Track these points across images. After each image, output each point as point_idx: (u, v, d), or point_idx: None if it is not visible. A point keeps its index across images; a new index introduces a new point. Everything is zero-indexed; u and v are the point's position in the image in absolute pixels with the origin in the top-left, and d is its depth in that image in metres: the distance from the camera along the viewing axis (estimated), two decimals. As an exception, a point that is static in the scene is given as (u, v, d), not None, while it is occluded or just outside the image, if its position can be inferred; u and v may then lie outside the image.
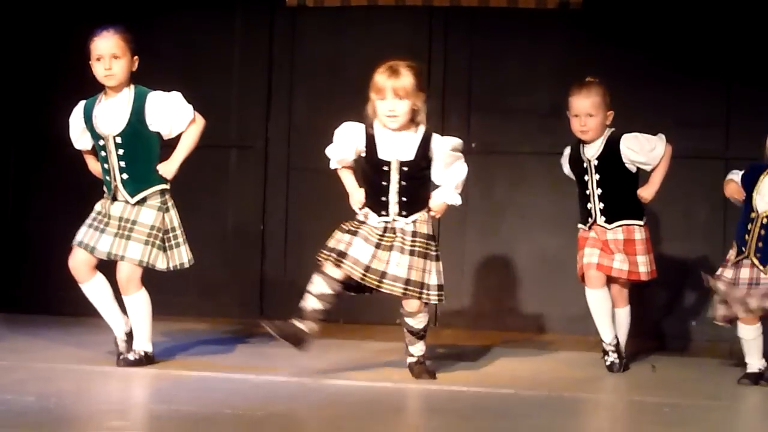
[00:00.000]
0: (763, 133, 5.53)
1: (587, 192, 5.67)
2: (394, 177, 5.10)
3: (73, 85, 5.65)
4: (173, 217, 5.40)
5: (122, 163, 5.32)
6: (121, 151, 5.31)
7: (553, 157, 6.71)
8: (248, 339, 6.36)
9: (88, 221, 5.39)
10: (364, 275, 5.03)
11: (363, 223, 5.15)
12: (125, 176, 5.32)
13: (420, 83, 5.12)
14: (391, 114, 5.07)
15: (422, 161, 5.13)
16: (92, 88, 5.46)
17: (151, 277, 5.43)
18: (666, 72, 6.92)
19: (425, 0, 7.16)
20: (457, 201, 5.22)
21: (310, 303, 5.10)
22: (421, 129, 5.15)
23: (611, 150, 5.62)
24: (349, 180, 5.26)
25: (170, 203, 5.41)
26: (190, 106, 5.43)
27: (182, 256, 5.43)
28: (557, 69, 7.06)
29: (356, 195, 5.20)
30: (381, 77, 5.09)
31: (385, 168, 5.11)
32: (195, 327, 6.75)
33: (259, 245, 7.37)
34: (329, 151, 5.25)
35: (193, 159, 7.25)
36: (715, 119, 6.90)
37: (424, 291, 5.08)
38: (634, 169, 5.65)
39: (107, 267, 5.43)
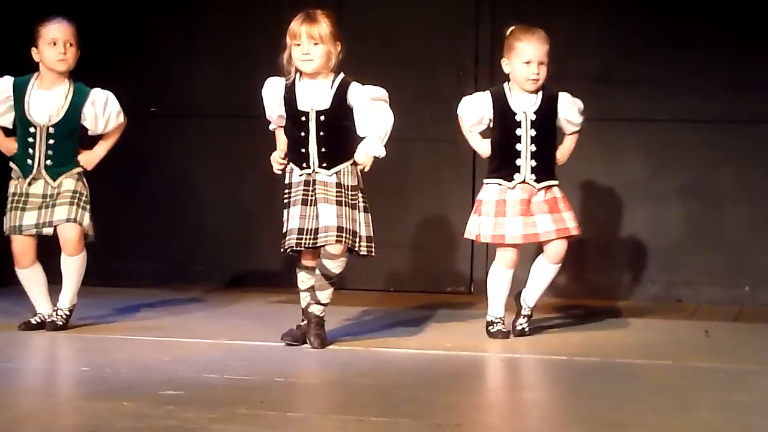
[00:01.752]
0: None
1: (517, 147, 5.33)
2: (312, 127, 5.03)
3: (124, 58, 5.68)
4: (87, 189, 5.51)
5: (50, 152, 5.44)
6: (51, 141, 5.43)
7: (602, 122, 6.68)
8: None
9: (9, 206, 5.48)
10: (299, 239, 4.99)
11: (290, 186, 5.10)
12: (49, 162, 5.45)
13: (336, 30, 5.06)
14: (306, 58, 5.00)
15: (339, 110, 5.04)
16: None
17: (202, 249, 5.46)
18: (719, 36, 6.82)
19: (473, -34, 7.10)
20: (382, 153, 5.08)
21: (304, 301, 5.16)
22: (338, 78, 5.08)
23: (548, 105, 5.35)
24: (279, 139, 5.19)
25: (83, 179, 5.52)
26: (122, 112, 5.56)
27: (91, 228, 5.50)
28: (607, 34, 6.99)
29: (274, 154, 5.14)
30: (296, 23, 5.05)
31: (303, 119, 5.04)
32: (246, 297, 6.78)
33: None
34: (266, 110, 5.19)
35: (241, 130, 7.33)
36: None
37: (357, 240, 5.02)
38: (559, 129, 5.42)
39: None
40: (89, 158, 5.55)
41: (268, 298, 6.71)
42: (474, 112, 5.43)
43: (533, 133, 5.33)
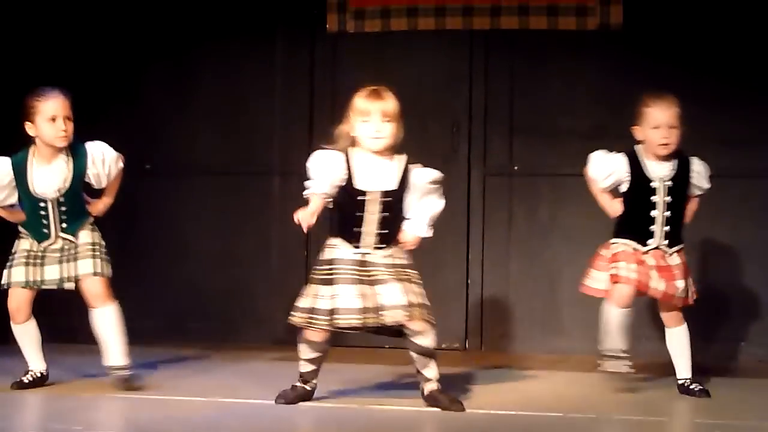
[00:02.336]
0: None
1: (652, 214, 5.41)
2: (374, 207, 4.96)
3: (121, 115, 5.68)
4: (101, 235, 5.53)
5: (64, 217, 5.44)
6: (63, 208, 5.44)
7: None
8: (296, 366, 6.33)
9: (20, 260, 5.45)
10: (363, 319, 4.89)
11: (331, 262, 5.00)
12: (65, 225, 5.45)
13: (400, 109, 5.01)
14: (378, 136, 4.94)
15: (402, 192, 5.00)
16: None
17: (199, 306, 5.46)
18: (710, 91, 6.87)
19: (465, 24, 7.17)
20: (429, 234, 5.09)
21: (304, 368, 5.11)
22: (401, 158, 5.03)
23: (682, 171, 5.43)
24: (315, 204, 4.98)
25: (95, 227, 5.55)
26: (117, 155, 5.56)
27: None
28: (598, 90, 7.04)
29: (306, 213, 4.92)
30: (365, 100, 4.99)
31: (363, 198, 4.96)
32: (242, 353, 6.75)
33: (303, 271, 7.36)
34: (310, 182, 5.02)
35: (236, 186, 7.36)
36: (763, 137, 6.83)
37: (425, 311, 4.96)
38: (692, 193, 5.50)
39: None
40: (100, 208, 5.57)
41: (263, 355, 6.69)
42: (610, 176, 5.49)
43: (669, 199, 5.40)
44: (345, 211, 5.00)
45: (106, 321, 5.43)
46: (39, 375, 5.48)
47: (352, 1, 7.26)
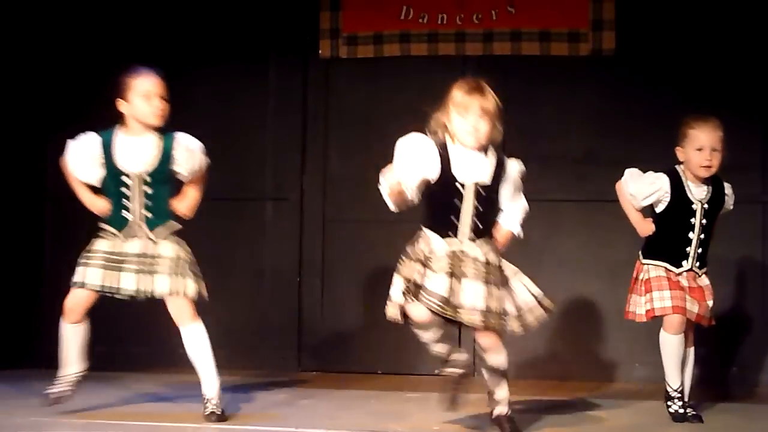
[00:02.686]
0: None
1: (690, 235, 5.40)
2: (470, 199, 4.82)
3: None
4: (187, 250, 5.41)
5: (148, 202, 5.33)
6: (148, 190, 5.33)
7: (589, 203, 6.74)
8: (286, 391, 6.34)
9: (97, 261, 5.33)
10: (442, 308, 4.72)
11: (424, 253, 4.81)
12: (149, 214, 5.34)
13: (499, 107, 4.89)
14: (475, 132, 4.81)
15: (497, 185, 4.89)
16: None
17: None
18: (699, 115, 6.89)
19: (458, 49, 7.19)
20: (521, 233, 5.02)
21: (436, 350, 4.88)
22: (496, 150, 4.91)
23: (717, 194, 5.45)
24: (403, 184, 4.76)
25: (181, 241, 5.42)
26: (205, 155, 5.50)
27: (202, 287, 5.41)
28: (590, 116, 7.07)
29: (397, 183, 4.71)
30: (467, 95, 4.85)
31: (460, 189, 4.82)
32: (232, 379, 6.73)
33: (296, 297, 7.37)
34: (394, 168, 4.80)
35: (229, 210, 7.36)
36: (753, 163, 6.86)
37: (506, 319, 4.80)
38: None
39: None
40: (187, 204, 5.44)
41: (255, 381, 6.67)
42: (651, 195, 5.46)
43: (704, 221, 5.42)
44: (440, 202, 4.85)
45: (190, 341, 5.37)
46: (72, 380, 5.41)
47: (345, 26, 7.29)
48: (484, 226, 4.87)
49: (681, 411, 5.35)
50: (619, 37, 7.00)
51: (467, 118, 4.83)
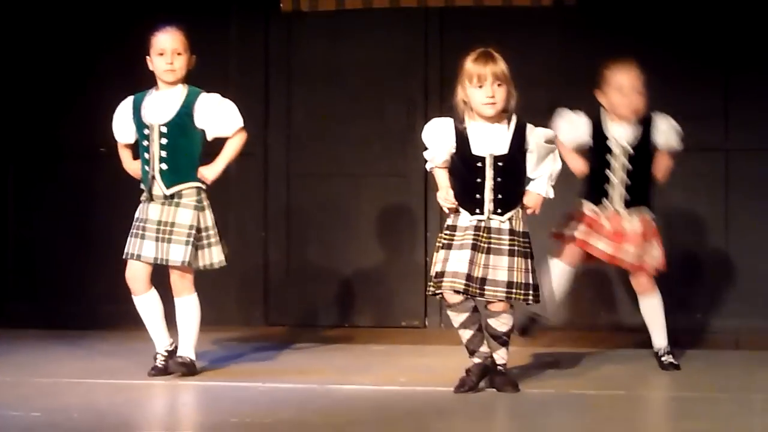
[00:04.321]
0: (762, 123, 5.51)
1: (608, 173, 5.45)
2: (489, 173, 4.84)
3: (73, 97, 5.65)
4: (207, 216, 5.39)
5: (163, 153, 5.34)
6: (164, 141, 5.34)
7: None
8: (253, 346, 6.35)
9: (132, 230, 5.40)
10: (467, 285, 4.79)
11: (454, 229, 4.88)
12: (164, 166, 5.34)
13: (510, 71, 4.92)
14: (491, 101, 4.82)
15: (517, 154, 4.88)
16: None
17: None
18: (663, 66, 6.88)
19: (420, 1, 7.15)
20: (551, 194, 4.95)
21: (463, 337, 4.93)
22: (513, 119, 4.92)
23: (646, 134, 5.46)
24: (442, 179, 4.95)
25: (206, 203, 5.41)
26: (241, 117, 5.45)
27: (212, 256, 5.40)
28: (554, 66, 7.05)
29: (445, 194, 4.90)
30: (477, 64, 4.87)
31: (479, 164, 4.85)
32: (199, 335, 6.73)
33: (261, 252, 7.36)
34: (427, 154, 4.98)
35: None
36: (715, 111, 6.89)
37: (530, 292, 4.85)
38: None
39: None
40: (210, 170, 5.37)
41: (221, 336, 6.67)
42: (573, 133, 5.51)
43: (628, 164, 5.43)
44: (462, 179, 4.90)
45: (183, 312, 5.40)
46: (165, 354, 5.39)
47: (307, -21, 7.23)
48: (509, 197, 4.89)
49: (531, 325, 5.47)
50: (580, -15, 6.98)
51: (483, 87, 4.85)
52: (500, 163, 4.86)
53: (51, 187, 7.36)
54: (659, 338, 5.53)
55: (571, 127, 5.53)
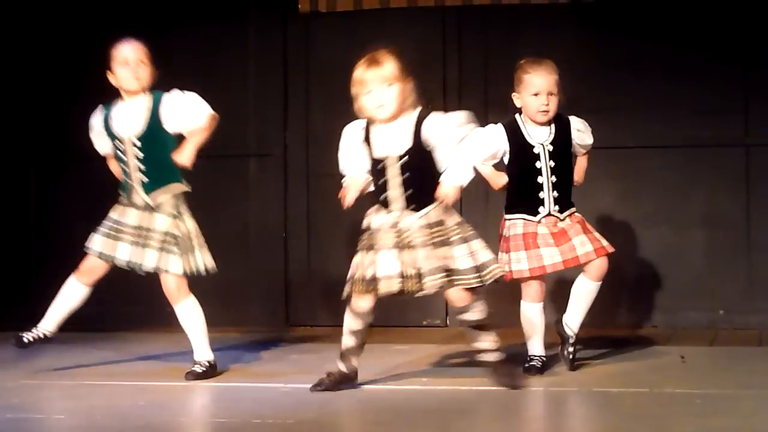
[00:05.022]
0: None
1: (539, 180, 5.26)
2: (394, 171, 4.86)
3: (92, 99, 5.67)
4: (187, 222, 5.44)
5: (141, 165, 5.40)
6: (139, 153, 5.39)
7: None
8: (275, 347, 6.36)
9: (104, 229, 5.46)
10: (403, 284, 4.83)
11: (370, 230, 4.92)
12: (144, 177, 5.41)
13: (404, 67, 4.89)
14: (380, 105, 4.84)
15: (419, 149, 4.85)
16: (111, 100, 5.52)
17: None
18: (681, 62, 6.89)
19: (437, 0, 7.16)
20: (464, 181, 4.85)
21: (345, 343, 5.00)
22: (415, 113, 4.89)
23: (562, 133, 5.31)
24: (352, 185, 4.98)
25: (183, 209, 5.45)
26: (207, 104, 5.49)
27: (199, 261, 5.44)
28: (572, 64, 7.02)
29: (346, 195, 4.95)
30: (361, 70, 4.90)
31: (383, 165, 4.89)
32: (220, 337, 6.75)
33: (282, 253, 7.38)
34: (340, 160, 5.07)
35: (212, 168, 7.34)
36: (734, 106, 6.86)
37: (468, 276, 4.81)
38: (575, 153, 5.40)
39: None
40: (184, 156, 5.38)
41: (243, 338, 6.69)
42: (488, 146, 5.32)
43: (552, 164, 5.27)
44: (374, 180, 4.95)
45: (183, 318, 5.45)
46: (42, 336, 5.45)
47: (324, -21, 7.24)
48: (421, 193, 4.87)
49: (538, 366, 5.28)
50: (598, -17, 6.98)
51: (371, 93, 4.86)
52: (403, 161, 4.86)
53: (71, 187, 7.40)
54: (577, 322, 5.35)
55: (485, 141, 5.30)
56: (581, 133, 5.39)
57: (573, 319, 5.36)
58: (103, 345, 6.39)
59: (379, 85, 4.85)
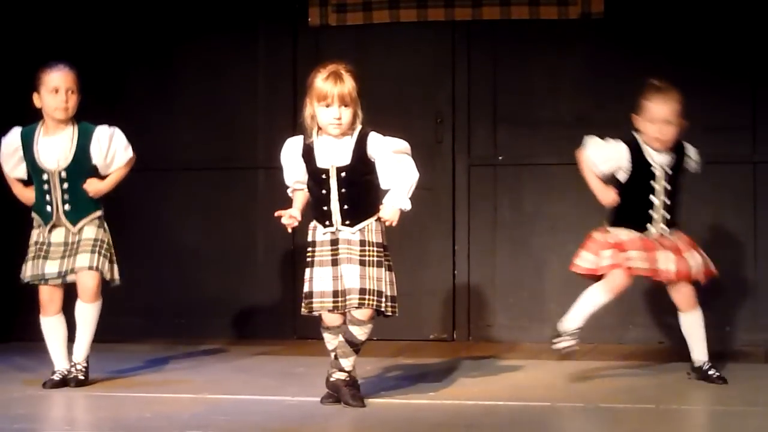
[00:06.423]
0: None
1: (652, 198, 5.41)
2: (333, 184, 4.89)
3: (111, 114, 5.74)
4: (107, 233, 5.53)
5: (66, 196, 5.45)
6: (65, 185, 5.44)
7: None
8: (282, 360, 6.37)
9: (30, 254, 5.50)
10: (335, 302, 4.90)
11: (314, 245, 4.96)
12: (67, 207, 5.45)
13: (359, 87, 4.94)
14: (337, 121, 4.87)
15: (360, 164, 4.90)
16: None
17: (185, 302, 5.47)
18: (690, 78, 6.87)
19: (447, 14, 7.18)
20: (408, 205, 4.91)
21: (331, 354, 5.04)
22: (357, 130, 4.93)
23: (679, 158, 5.46)
24: (295, 200, 5.06)
25: (103, 222, 5.54)
26: (128, 144, 5.56)
27: (115, 270, 5.53)
28: (581, 79, 7.06)
29: (289, 210, 5.01)
30: (326, 84, 4.90)
31: (323, 176, 4.91)
32: (229, 349, 6.77)
33: (290, 266, 7.38)
34: (284, 176, 5.09)
35: (221, 181, 7.37)
36: (742, 123, 6.87)
37: (382, 300, 4.89)
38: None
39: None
40: (97, 187, 5.47)
41: (251, 350, 6.70)
42: (610, 161, 5.44)
43: (668, 186, 5.42)
44: (313, 192, 4.99)
45: (85, 317, 5.46)
46: (64, 375, 5.45)
47: (334, -7, 7.26)
48: (357, 208, 4.91)
49: (568, 345, 5.37)
50: (607, -1, 6.99)
51: (330, 108, 4.89)
52: (343, 174, 4.90)
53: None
54: (701, 353, 5.49)
55: (608, 153, 5.45)
56: (692, 161, 5.53)
57: (698, 353, 5.48)
58: (107, 356, 6.40)
59: (339, 101, 4.89)
